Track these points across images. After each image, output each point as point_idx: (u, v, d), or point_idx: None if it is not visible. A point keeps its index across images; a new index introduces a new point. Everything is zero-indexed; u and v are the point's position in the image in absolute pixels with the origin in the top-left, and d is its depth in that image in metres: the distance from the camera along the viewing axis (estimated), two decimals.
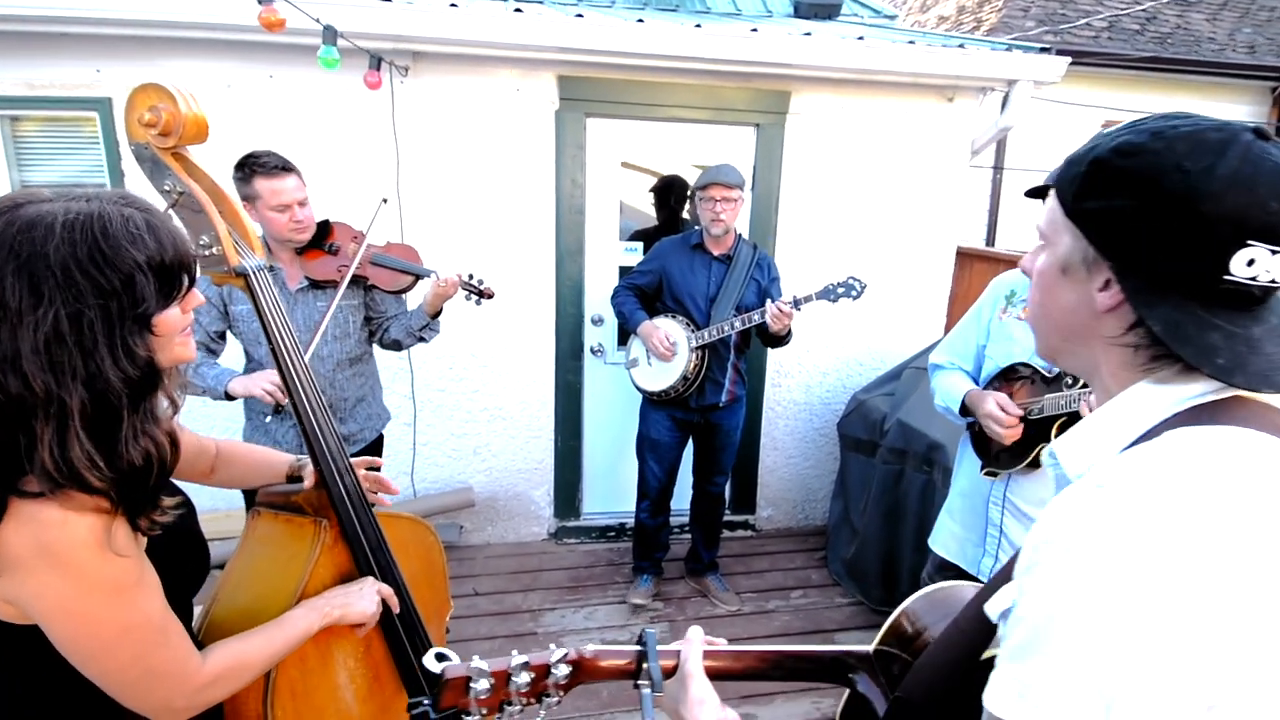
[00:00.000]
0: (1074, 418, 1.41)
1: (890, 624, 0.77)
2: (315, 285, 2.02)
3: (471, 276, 2.13)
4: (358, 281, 2.06)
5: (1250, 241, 0.50)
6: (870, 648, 0.78)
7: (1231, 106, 5.41)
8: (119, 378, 0.74)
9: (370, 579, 1.16)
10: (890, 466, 2.75)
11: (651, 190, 3.32)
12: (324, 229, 2.05)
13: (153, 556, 0.85)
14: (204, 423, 2.81)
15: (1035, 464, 1.51)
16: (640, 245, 3.23)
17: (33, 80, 2.64)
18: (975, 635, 0.60)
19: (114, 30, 2.50)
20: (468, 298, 2.15)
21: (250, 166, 1.87)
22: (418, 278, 2.12)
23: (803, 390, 3.46)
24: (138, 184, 2.57)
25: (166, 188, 0.95)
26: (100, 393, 0.73)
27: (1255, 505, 0.47)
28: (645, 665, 0.74)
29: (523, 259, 3.07)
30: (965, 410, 1.65)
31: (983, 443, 1.65)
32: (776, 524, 3.61)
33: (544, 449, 3.30)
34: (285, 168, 1.88)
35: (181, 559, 0.95)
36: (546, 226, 3.08)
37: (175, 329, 0.83)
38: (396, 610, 1.21)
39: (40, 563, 0.72)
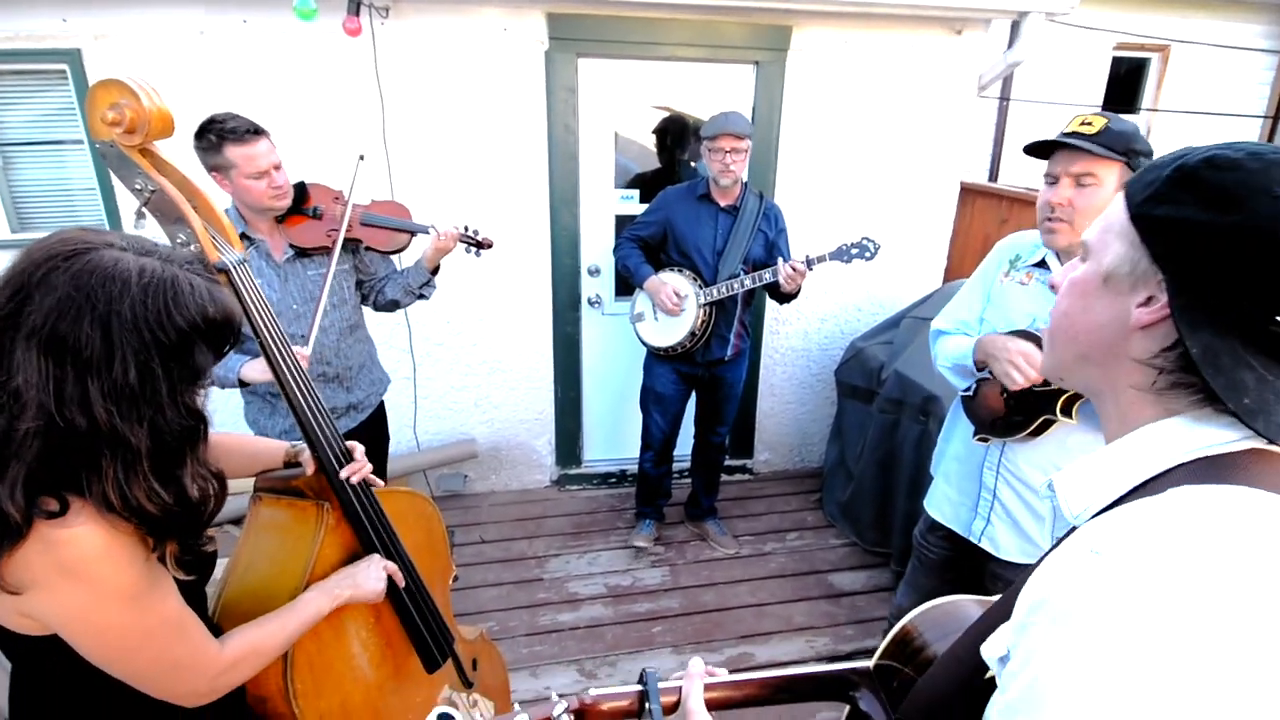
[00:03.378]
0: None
1: (891, 639, 0.77)
2: (302, 254, 1.93)
3: (468, 228, 2.08)
4: (349, 244, 2.00)
5: None
6: (871, 663, 0.80)
7: (1246, 26, 5.16)
8: (178, 425, 0.80)
9: (376, 557, 1.20)
10: (887, 416, 2.78)
11: (654, 132, 3.21)
12: (300, 192, 1.93)
13: None
14: None
15: (1035, 434, 1.50)
16: (636, 194, 3.16)
17: None
18: (972, 667, 0.60)
19: None
20: (467, 250, 2.11)
21: (215, 133, 1.70)
22: (413, 234, 2.06)
23: (801, 336, 3.46)
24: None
25: (137, 186, 0.92)
26: (162, 437, 0.79)
27: (1263, 583, 0.43)
28: (647, 705, 0.75)
29: (516, 209, 3.00)
30: (978, 365, 1.57)
31: (975, 409, 1.65)
32: (773, 467, 3.69)
33: (544, 399, 3.33)
34: (256, 131, 1.73)
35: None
36: (539, 174, 3.00)
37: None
38: (402, 585, 1.26)
39: (60, 579, 0.75)
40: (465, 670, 1.53)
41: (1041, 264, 1.57)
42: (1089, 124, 1.33)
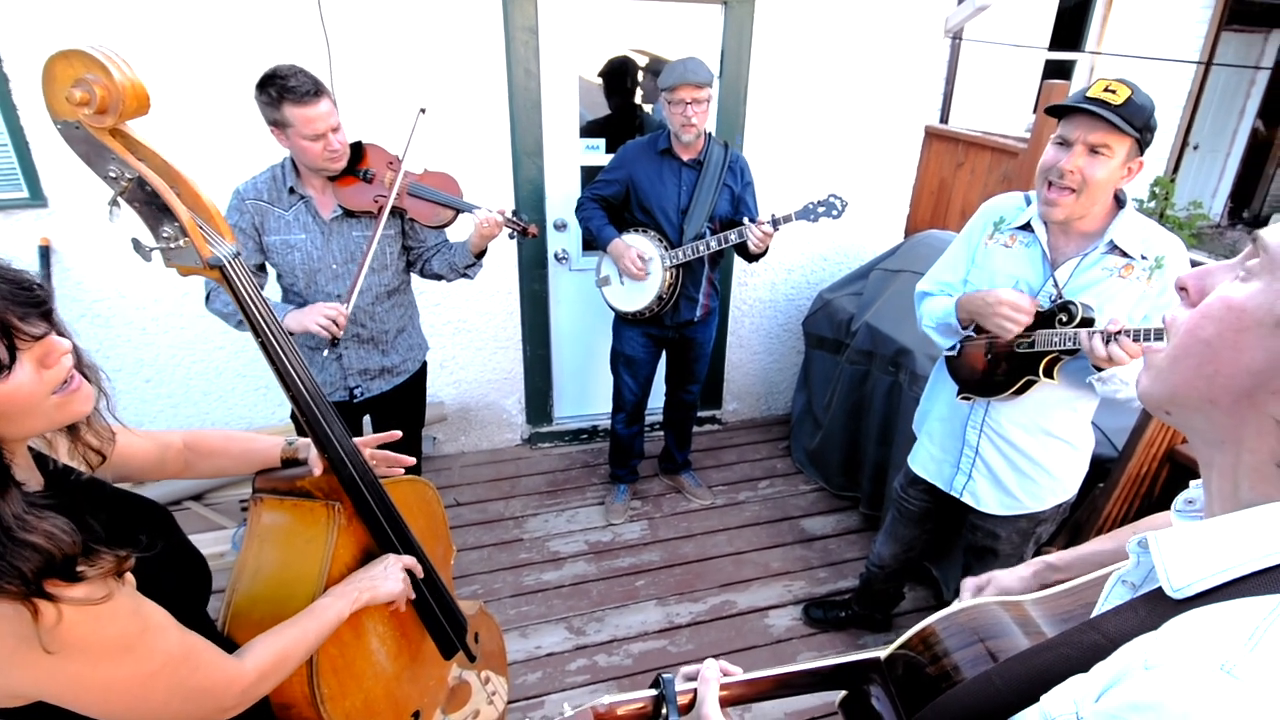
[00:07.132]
0: (1066, 356, 1.45)
1: (909, 638, 0.75)
2: (349, 214, 1.92)
3: (516, 214, 2.04)
4: (395, 213, 1.96)
5: None
6: (883, 654, 0.78)
7: None
8: None
9: (392, 556, 1.16)
10: (857, 367, 2.84)
11: (600, 75, 3.05)
12: (356, 151, 1.92)
13: (148, 585, 0.79)
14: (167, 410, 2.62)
15: (1018, 393, 1.55)
16: (602, 143, 3.03)
17: None
18: (1010, 700, 0.55)
19: None
20: (511, 235, 2.07)
21: (277, 89, 1.68)
22: (458, 212, 2.00)
23: (768, 287, 3.46)
24: (49, 140, 2.20)
25: (111, 174, 0.80)
26: None
27: None
28: (664, 711, 0.73)
29: (476, 161, 2.84)
30: (963, 323, 1.60)
31: (959, 369, 1.69)
32: (741, 417, 3.75)
33: (512, 358, 3.26)
34: (317, 91, 1.71)
35: (177, 576, 0.91)
36: (500, 123, 2.83)
37: (33, 398, 0.68)
38: (421, 576, 1.23)
39: (31, 652, 0.65)
40: (470, 647, 1.53)
41: (1026, 227, 1.57)
42: (1113, 92, 1.31)
